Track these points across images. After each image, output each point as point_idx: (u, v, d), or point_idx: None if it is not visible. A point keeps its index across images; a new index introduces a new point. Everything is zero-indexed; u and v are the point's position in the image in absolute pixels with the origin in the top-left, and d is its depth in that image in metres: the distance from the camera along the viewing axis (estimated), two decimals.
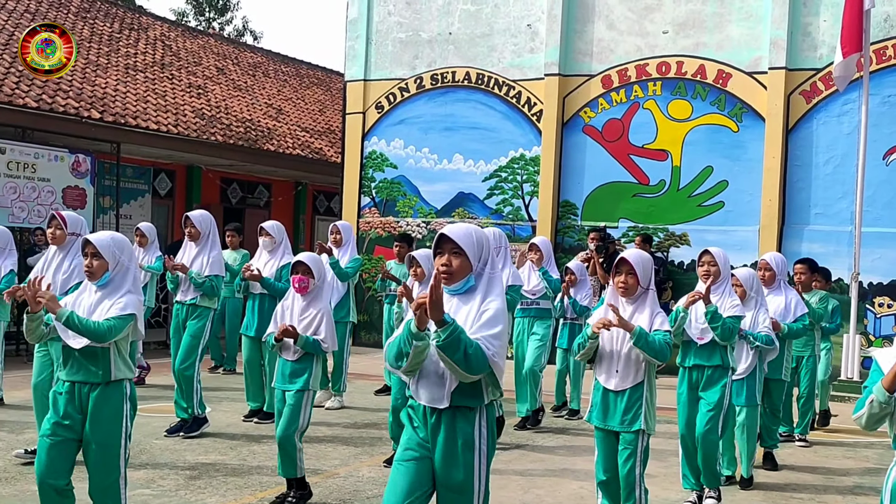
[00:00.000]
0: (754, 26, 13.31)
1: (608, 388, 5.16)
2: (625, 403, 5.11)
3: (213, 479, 6.67)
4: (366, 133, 15.90)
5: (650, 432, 5.17)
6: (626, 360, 5.11)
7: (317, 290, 6.32)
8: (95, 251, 4.86)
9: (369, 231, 15.76)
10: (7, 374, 10.22)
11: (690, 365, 6.40)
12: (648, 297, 5.18)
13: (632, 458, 5.12)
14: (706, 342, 6.29)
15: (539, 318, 9.06)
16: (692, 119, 13.62)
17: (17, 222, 13.18)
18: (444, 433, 3.88)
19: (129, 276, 4.94)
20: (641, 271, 5.13)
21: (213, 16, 43.30)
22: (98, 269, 4.87)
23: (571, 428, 9.25)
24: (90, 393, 4.81)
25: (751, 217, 13.20)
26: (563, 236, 14.32)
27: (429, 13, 15.45)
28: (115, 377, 4.83)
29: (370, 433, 8.47)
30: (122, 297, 4.83)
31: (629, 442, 5.13)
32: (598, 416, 5.23)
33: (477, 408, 3.90)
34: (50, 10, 17.95)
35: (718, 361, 6.32)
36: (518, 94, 14.72)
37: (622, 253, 5.27)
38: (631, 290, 5.14)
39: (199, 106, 17.65)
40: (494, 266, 3.99)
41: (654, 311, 5.14)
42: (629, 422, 5.11)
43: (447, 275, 3.88)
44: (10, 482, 6.37)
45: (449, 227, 3.94)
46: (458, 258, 3.88)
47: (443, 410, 3.87)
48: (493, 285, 3.93)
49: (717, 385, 6.32)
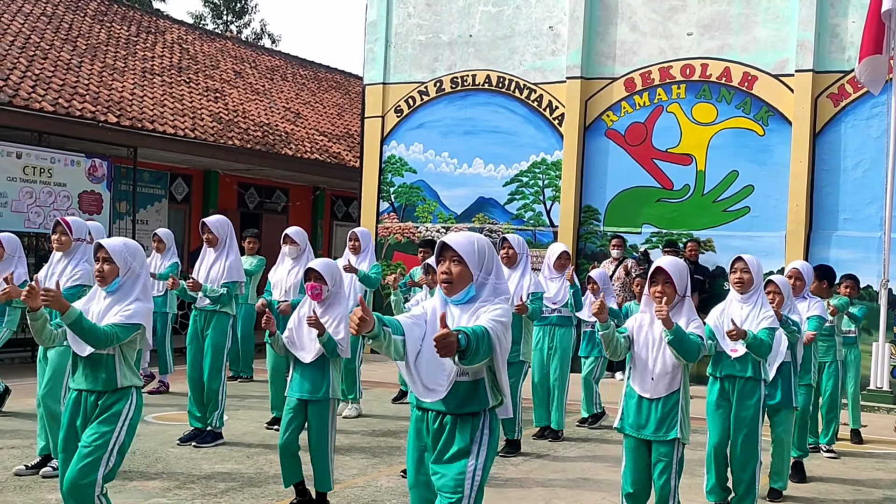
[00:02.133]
0: (781, 28, 13.25)
1: (643, 395, 5.13)
2: (660, 412, 5.08)
3: (229, 488, 6.69)
4: (385, 137, 15.93)
5: (685, 441, 5.12)
6: (661, 367, 5.08)
7: (332, 297, 6.29)
8: (107, 256, 4.89)
9: (388, 237, 15.78)
10: (21, 382, 10.29)
11: (722, 375, 6.30)
12: (685, 305, 5.16)
13: (667, 470, 5.08)
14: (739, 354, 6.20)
15: (560, 326, 9.02)
16: (717, 122, 13.56)
17: (32, 227, 13.28)
18: (444, 438, 3.92)
19: (140, 283, 4.96)
20: (678, 279, 5.11)
21: (231, 19, 43.50)
22: (109, 273, 4.89)
23: (594, 438, 9.22)
24: (97, 401, 4.84)
25: (777, 223, 13.12)
26: (585, 242, 14.29)
27: (449, 15, 15.47)
28: (121, 384, 4.85)
29: (388, 442, 8.47)
30: (130, 305, 4.84)
31: (664, 453, 5.08)
32: (632, 425, 5.17)
33: (481, 412, 3.92)
34: (66, 13, 18.09)
35: (751, 372, 6.20)
36: (539, 98, 14.71)
37: (657, 261, 5.24)
38: (668, 299, 5.10)
39: (217, 110, 17.74)
40: (499, 276, 4.00)
41: (690, 318, 5.11)
42: (665, 431, 5.07)
43: (447, 283, 3.90)
44: (24, 490, 6.41)
45: (450, 234, 3.96)
46: (458, 266, 3.90)
47: (446, 417, 3.89)
48: (497, 295, 3.95)
49: (750, 399, 6.20)
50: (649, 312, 5.17)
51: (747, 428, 6.18)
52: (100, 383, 4.83)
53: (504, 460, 7.91)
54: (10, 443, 7.82)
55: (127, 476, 6.79)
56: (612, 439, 9.05)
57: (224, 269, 8.16)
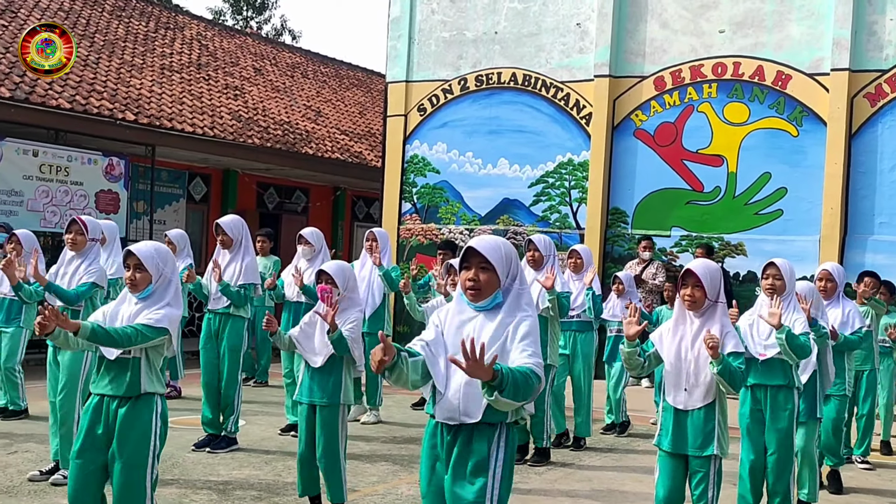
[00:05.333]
0: (816, 25, 13.15)
1: (677, 407, 5.07)
2: (697, 425, 5.02)
3: (246, 495, 6.70)
4: (407, 136, 15.94)
5: (724, 456, 5.06)
6: (695, 376, 5.02)
7: (345, 301, 6.20)
8: (139, 263, 4.86)
9: (410, 238, 15.78)
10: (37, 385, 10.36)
11: (752, 383, 6.22)
12: (718, 311, 5.07)
13: (703, 483, 5.03)
14: (768, 359, 6.16)
15: (580, 332, 8.98)
16: (749, 123, 13.47)
17: (48, 227, 13.38)
18: (457, 450, 3.85)
19: (171, 288, 4.96)
20: (709, 283, 5.02)
21: (251, 14, 43.71)
22: (141, 281, 4.87)
23: (620, 447, 9.18)
24: (118, 409, 4.82)
25: (811, 226, 13.03)
26: (613, 245, 14.24)
27: (474, 11, 15.46)
28: (146, 390, 4.84)
29: (409, 449, 8.47)
30: (159, 309, 4.83)
31: (701, 467, 5.03)
32: (669, 441, 5.11)
33: (497, 424, 3.86)
34: (84, 8, 18.23)
35: (782, 380, 6.14)
36: (566, 97, 14.67)
37: (688, 264, 5.18)
38: (698, 303, 5.03)
39: (236, 108, 17.82)
40: (523, 281, 3.96)
41: (724, 328, 5.02)
42: (701, 446, 5.01)
43: (474, 290, 3.85)
44: (38, 495, 6.45)
45: (476, 239, 3.91)
46: (485, 273, 3.85)
47: (461, 427, 3.84)
48: (522, 301, 3.90)
49: (784, 410, 6.13)
50: (681, 318, 5.12)
51: (782, 440, 6.11)
52: (123, 388, 4.81)
53: (528, 469, 7.89)
54: (25, 446, 7.87)
55: None
56: (639, 449, 9.01)
57: (240, 270, 8.14)
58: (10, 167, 12.97)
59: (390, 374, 3.70)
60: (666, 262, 13.44)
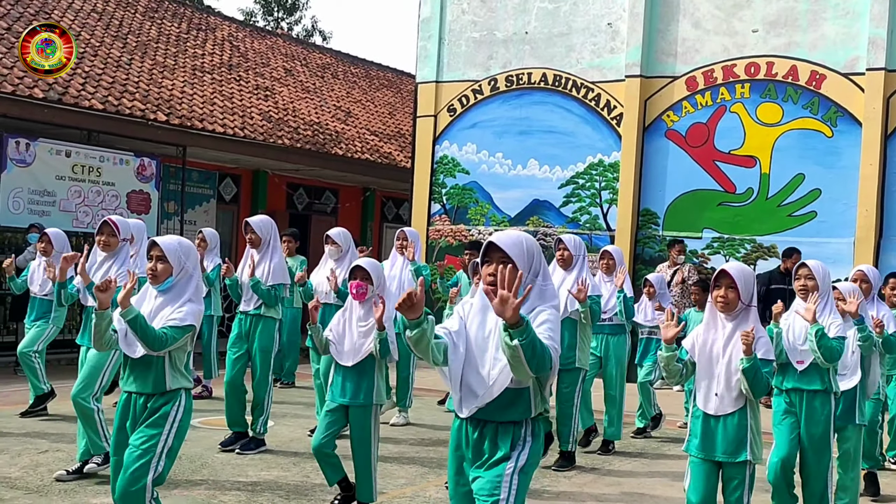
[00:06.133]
0: (851, 24, 13.02)
1: (708, 412, 5.02)
2: (728, 431, 4.96)
3: (275, 496, 6.73)
4: (437, 137, 15.95)
5: (757, 462, 5.01)
6: (726, 381, 4.96)
7: (376, 298, 6.19)
8: (161, 254, 4.93)
9: (439, 239, 15.79)
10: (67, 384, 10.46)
11: (788, 387, 6.14)
12: (750, 314, 5.01)
13: (740, 488, 4.98)
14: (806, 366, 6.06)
15: (612, 335, 8.92)
16: (783, 123, 13.37)
17: (80, 227, 13.50)
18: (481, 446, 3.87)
19: (192, 283, 5.01)
20: (743, 285, 4.95)
21: (282, 15, 43.91)
22: (162, 272, 4.94)
23: (650, 451, 9.13)
24: (145, 404, 4.91)
25: (845, 228, 12.90)
26: (643, 247, 14.17)
27: (504, 11, 15.44)
28: (171, 387, 4.91)
29: (437, 451, 8.47)
30: (182, 307, 4.89)
31: (735, 473, 4.98)
32: (698, 447, 5.05)
33: (522, 421, 3.86)
34: (117, 9, 18.38)
35: (819, 385, 6.04)
36: (597, 97, 14.62)
37: (723, 265, 5.13)
38: (731, 305, 4.97)
39: (267, 108, 17.90)
40: (546, 277, 3.93)
41: (757, 332, 4.94)
42: (734, 452, 4.96)
43: (495, 285, 3.77)
44: (69, 494, 6.51)
45: (497, 234, 3.89)
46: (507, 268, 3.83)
47: (486, 425, 3.84)
48: (545, 297, 3.87)
49: (820, 415, 6.04)
50: (712, 322, 5.07)
51: (818, 445, 6.02)
52: (149, 385, 4.90)
53: (557, 473, 7.86)
54: (56, 446, 7.95)
55: (172, 482, 6.85)
56: (669, 453, 8.95)
57: (269, 270, 8.16)
58: (43, 167, 13.10)
59: (413, 330, 3.67)
60: (697, 264, 13.34)
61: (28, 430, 8.56)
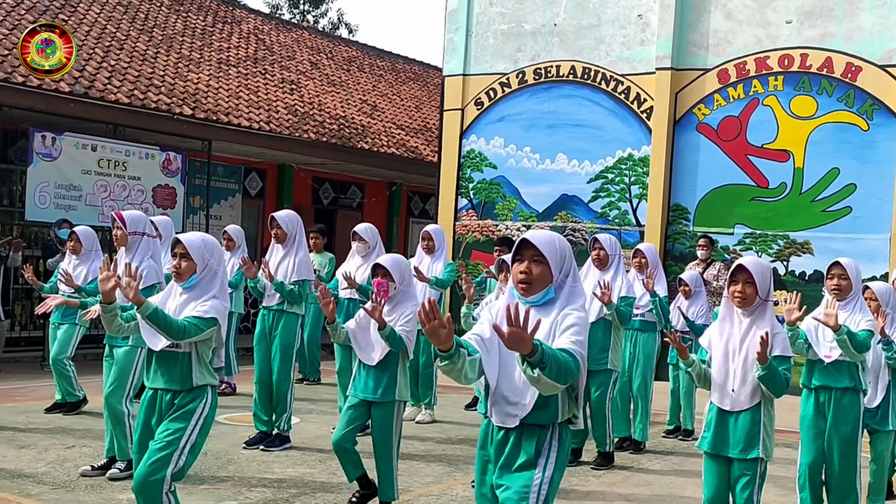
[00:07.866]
0: (888, 14, 12.87)
1: (724, 408, 5.02)
2: (742, 427, 4.97)
3: (300, 493, 6.75)
4: (464, 131, 15.93)
5: (768, 459, 5.02)
6: (741, 378, 4.96)
7: (400, 294, 6.22)
8: (185, 252, 4.96)
9: (466, 235, 15.78)
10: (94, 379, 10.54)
11: (816, 385, 6.12)
12: (767, 310, 5.00)
13: (750, 485, 4.97)
14: (833, 360, 6.05)
15: (643, 331, 8.87)
16: (817, 117, 13.24)
17: (106, 222, 13.55)
18: (507, 450, 3.85)
19: (217, 280, 5.03)
20: (760, 280, 4.95)
21: (308, 8, 43.99)
22: (186, 270, 4.96)
23: (680, 451, 9.08)
24: (172, 400, 4.94)
25: (881, 224, 12.76)
26: (674, 243, 14.09)
27: (533, 3, 15.39)
28: (197, 383, 4.94)
29: (464, 449, 8.47)
30: (206, 301, 4.92)
31: (746, 470, 4.98)
32: (711, 442, 5.07)
33: (549, 425, 3.84)
34: (143, 3, 18.49)
35: (848, 383, 6.03)
36: (627, 90, 14.55)
37: (739, 259, 5.12)
38: (748, 300, 4.96)
39: (292, 102, 17.95)
40: (576, 278, 3.91)
41: (774, 328, 4.95)
42: (746, 448, 4.96)
43: (526, 283, 3.80)
44: (95, 490, 6.56)
45: (531, 232, 3.89)
46: (539, 266, 3.81)
47: (512, 427, 3.83)
48: (575, 299, 3.86)
49: (849, 414, 6.02)
50: (728, 317, 5.06)
51: (846, 445, 6.00)
52: (175, 382, 4.93)
53: (588, 472, 7.84)
54: (82, 441, 8.02)
55: (197, 478, 6.90)
56: (700, 453, 8.88)
57: (293, 266, 8.16)
58: (70, 162, 13.20)
59: (444, 361, 3.62)
60: (728, 261, 13.25)
61: (54, 426, 8.64)
